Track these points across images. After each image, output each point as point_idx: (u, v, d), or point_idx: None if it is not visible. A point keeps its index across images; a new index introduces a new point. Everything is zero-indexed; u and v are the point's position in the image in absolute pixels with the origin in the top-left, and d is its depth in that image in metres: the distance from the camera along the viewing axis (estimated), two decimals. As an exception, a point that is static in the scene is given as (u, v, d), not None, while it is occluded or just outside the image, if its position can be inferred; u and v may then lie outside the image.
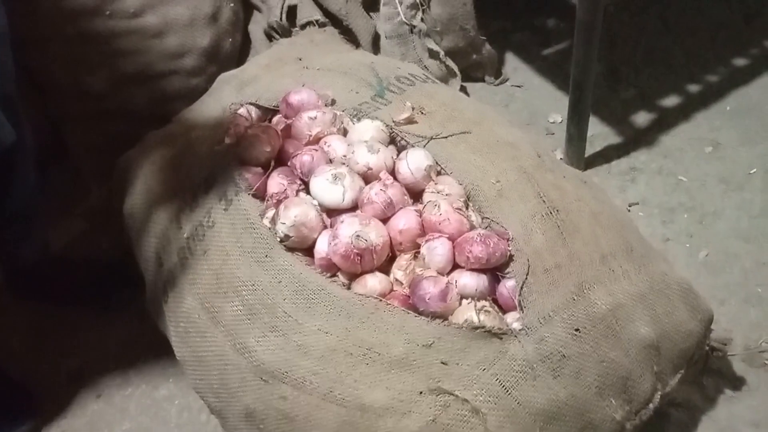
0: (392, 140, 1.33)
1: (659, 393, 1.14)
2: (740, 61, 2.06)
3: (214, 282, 1.19)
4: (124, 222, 1.45)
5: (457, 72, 1.96)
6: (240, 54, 1.91)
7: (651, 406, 1.13)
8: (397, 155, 1.29)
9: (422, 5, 1.87)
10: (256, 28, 1.92)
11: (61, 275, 1.60)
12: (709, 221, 1.68)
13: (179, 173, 1.37)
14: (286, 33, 1.83)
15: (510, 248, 1.14)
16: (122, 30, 1.68)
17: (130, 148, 1.56)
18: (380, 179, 1.22)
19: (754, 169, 1.78)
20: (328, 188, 1.21)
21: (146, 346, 1.46)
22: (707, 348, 1.27)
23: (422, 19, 1.88)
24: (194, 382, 1.23)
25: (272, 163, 1.30)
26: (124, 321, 1.52)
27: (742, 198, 1.72)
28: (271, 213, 1.22)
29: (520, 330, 1.06)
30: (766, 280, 1.55)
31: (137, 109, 1.75)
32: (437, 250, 1.14)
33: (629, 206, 1.72)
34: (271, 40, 1.87)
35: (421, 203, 1.23)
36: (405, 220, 1.18)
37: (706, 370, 1.33)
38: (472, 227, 1.18)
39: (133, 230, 1.43)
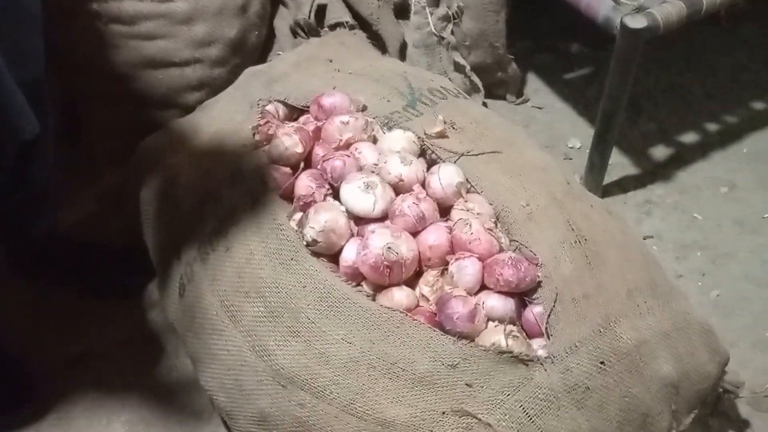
0: (422, 153, 1.32)
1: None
2: (759, 105, 2.07)
3: (236, 281, 1.17)
4: (140, 208, 1.42)
5: (481, 88, 1.95)
6: (263, 48, 1.89)
7: (665, 444, 1.13)
8: (427, 169, 1.27)
9: (454, 18, 1.86)
10: (282, 23, 1.90)
11: (65, 255, 1.56)
12: (722, 262, 1.68)
13: (204, 165, 1.34)
14: (313, 32, 1.81)
15: (539, 274, 1.13)
16: (151, 12, 1.66)
17: (144, 133, 1.53)
18: (413, 192, 1.20)
19: (769, 215, 1.79)
20: (359, 196, 1.19)
21: (150, 337, 1.44)
22: (720, 390, 1.27)
23: (452, 32, 1.87)
24: (205, 380, 1.21)
25: (302, 165, 1.28)
26: (129, 309, 1.48)
27: (755, 242, 1.72)
28: (298, 215, 1.20)
29: (546, 358, 1.05)
30: (775, 325, 1.55)
31: (156, 95, 1.72)
32: (467, 270, 1.12)
33: (644, 239, 1.72)
34: (295, 37, 1.85)
35: (449, 219, 1.21)
36: (436, 236, 1.16)
37: (716, 411, 1.33)
38: (501, 249, 1.17)
39: (149, 218, 1.40)
